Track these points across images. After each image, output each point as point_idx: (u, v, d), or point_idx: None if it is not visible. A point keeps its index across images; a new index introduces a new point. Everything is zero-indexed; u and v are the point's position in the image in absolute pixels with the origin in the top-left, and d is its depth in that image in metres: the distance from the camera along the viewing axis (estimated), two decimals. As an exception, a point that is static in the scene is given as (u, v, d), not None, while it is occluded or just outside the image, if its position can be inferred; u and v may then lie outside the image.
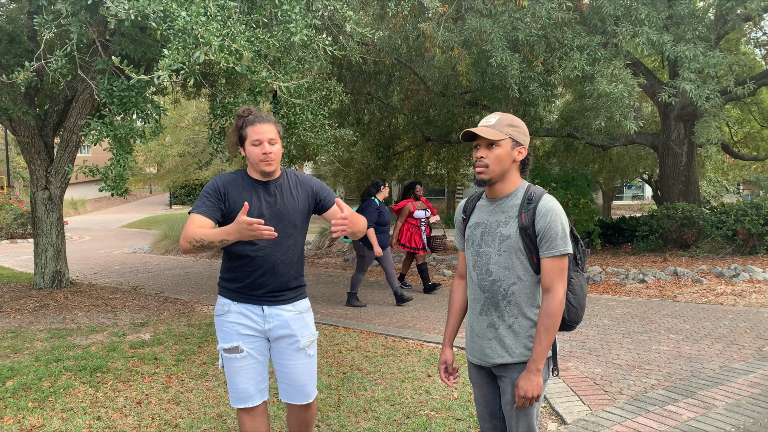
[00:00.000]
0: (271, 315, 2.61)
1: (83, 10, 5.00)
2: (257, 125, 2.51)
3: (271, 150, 2.51)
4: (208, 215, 2.49)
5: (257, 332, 2.62)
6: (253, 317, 2.60)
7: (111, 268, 12.28)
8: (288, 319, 2.62)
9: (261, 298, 2.60)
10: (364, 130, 14.04)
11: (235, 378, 2.61)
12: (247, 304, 2.60)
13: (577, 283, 2.27)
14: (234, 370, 2.61)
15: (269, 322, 2.61)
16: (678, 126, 11.83)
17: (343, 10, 5.36)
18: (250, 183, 2.59)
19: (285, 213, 2.59)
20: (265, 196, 2.58)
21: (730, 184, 27.40)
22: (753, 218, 9.87)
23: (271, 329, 2.62)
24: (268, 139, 2.51)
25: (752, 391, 4.11)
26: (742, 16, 10.13)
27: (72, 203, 33.73)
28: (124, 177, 5.55)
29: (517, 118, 2.27)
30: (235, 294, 2.61)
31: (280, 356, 2.66)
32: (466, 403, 4.01)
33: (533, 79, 8.45)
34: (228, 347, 2.60)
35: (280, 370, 2.68)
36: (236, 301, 2.61)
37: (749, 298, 7.34)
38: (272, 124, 2.55)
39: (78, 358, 5.07)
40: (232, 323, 2.60)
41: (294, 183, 2.66)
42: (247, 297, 2.60)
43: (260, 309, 2.61)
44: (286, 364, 2.66)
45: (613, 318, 6.55)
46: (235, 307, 2.61)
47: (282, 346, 2.65)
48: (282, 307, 2.63)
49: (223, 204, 2.54)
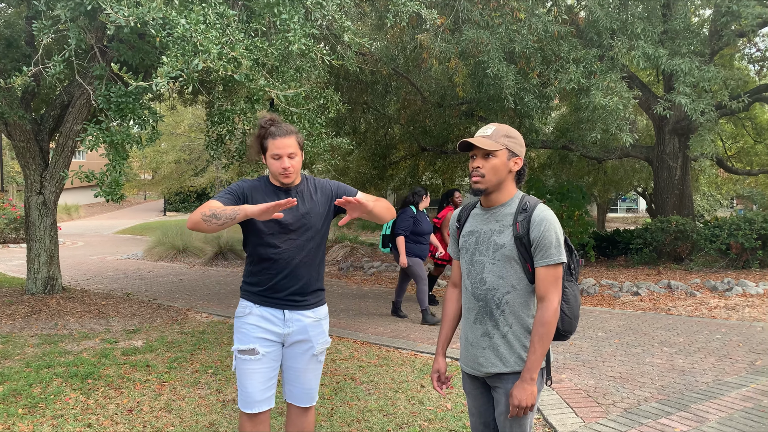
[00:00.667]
0: (291, 320, 2.67)
1: (82, 16, 5.01)
2: (278, 139, 2.57)
3: (290, 164, 2.59)
4: (226, 204, 2.54)
5: (276, 336, 2.67)
6: (274, 320, 2.66)
7: (104, 274, 12.22)
8: (307, 325, 2.70)
9: (282, 301, 2.66)
10: (360, 139, 14.08)
11: (245, 381, 2.65)
12: (269, 308, 2.67)
13: (571, 293, 2.28)
14: (246, 372, 2.64)
15: (289, 327, 2.67)
16: (672, 140, 11.91)
17: (342, 20, 5.38)
18: (272, 189, 2.67)
19: (306, 217, 2.67)
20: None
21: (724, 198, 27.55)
22: (746, 233, 9.93)
23: (290, 334, 2.68)
24: (287, 153, 2.58)
25: (745, 405, 4.11)
26: (736, 31, 10.24)
27: (66, 208, 33.59)
28: (119, 183, 5.53)
29: (513, 129, 2.30)
30: (257, 297, 2.67)
31: (293, 360, 2.72)
32: (460, 413, 4.00)
33: (529, 90, 8.50)
34: (244, 348, 2.64)
35: (290, 372, 2.74)
36: (258, 304, 2.67)
37: (742, 312, 7.36)
38: (293, 136, 2.61)
39: (69, 364, 5.03)
40: (251, 325, 2.65)
41: (313, 188, 2.75)
42: (270, 300, 2.66)
43: (281, 313, 2.67)
44: (297, 368, 2.73)
45: (606, 330, 6.56)
46: (257, 310, 2.67)
47: (296, 351, 2.72)
48: (303, 313, 2.69)
49: (243, 202, 2.59)
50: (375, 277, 11.61)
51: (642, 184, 19.77)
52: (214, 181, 25.31)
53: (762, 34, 12.59)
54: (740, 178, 18.35)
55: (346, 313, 7.69)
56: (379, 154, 14.75)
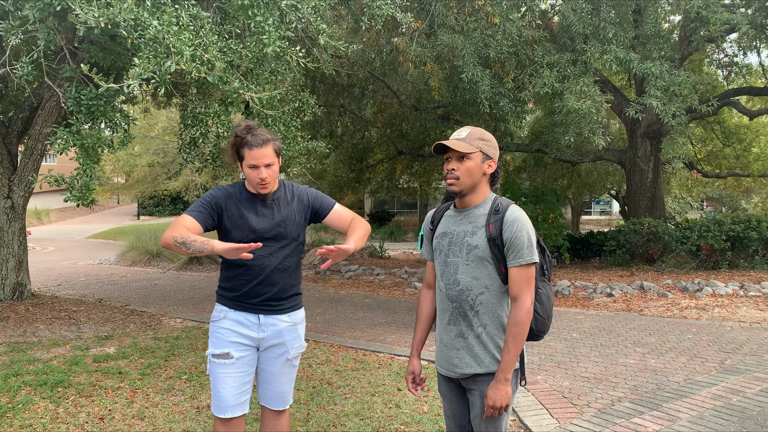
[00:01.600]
0: (266, 324, 2.66)
1: (51, 16, 4.92)
2: (255, 150, 2.52)
3: (267, 174, 2.56)
4: (200, 220, 2.55)
5: (250, 341, 2.66)
6: (249, 325, 2.65)
7: (75, 279, 11.99)
8: (282, 330, 2.67)
9: (257, 306, 2.65)
10: (337, 142, 14.06)
11: (219, 385, 2.63)
12: (244, 312, 2.65)
13: (544, 293, 2.30)
14: (220, 377, 2.62)
15: (264, 331, 2.66)
16: (645, 143, 12.12)
17: (317, 23, 5.37)
18: (247, 197, 2.65)
19: (282, 224, 2.65)
20: (263, 209, 2.64)
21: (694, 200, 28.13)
22: (716, 234, 10.13)
23: (264, 338, 2.67)
24: (264, 163, 2.55)
25: (715, 404, 4.19)
26: (705, 37, 10.46)
27: (35, 213, 32.90)
28: (90, 187, 5.43)
29: (487, 132, 2.31)
30: (232, 302, 2.66)
31: (267, 363, 2.71)
32: (436, 416, 4.00)
33: (504, 95, 8.58)
34: (218, 353, 2.62)
35: (264, 375, 2.73)
36: (233, 308, 2.66)
37: (712, 312, 7.51)
38: (270, 145, 2.57)
39: (38, 372, 4.91)
40: (226, 330, 2.64)
41: (291, 195, 2.72)
42: (244, 305, 2.65)
43: (256, 317, 2.65)
44: (271, 371, 2.72)
45: (581, 331, 6.63)
46: (232, 314, 2.66)
47: (271, 355, 2.70)
48: (278, 317, 2.67)
49: (217, 215, 2.60)
50: (352, 280, 11.59)
51: (615, 187, 20.09)
52: (189, 184, 25.05)
53: (730, 40, 12.89)
54: (710, 180, 18.75)
55: (323, 317, 7.66)
56: (356, 157, 14.74)
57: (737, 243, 10.33)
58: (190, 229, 2.49)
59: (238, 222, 2.60)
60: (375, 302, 8.88)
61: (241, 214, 2.61)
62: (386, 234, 25.49)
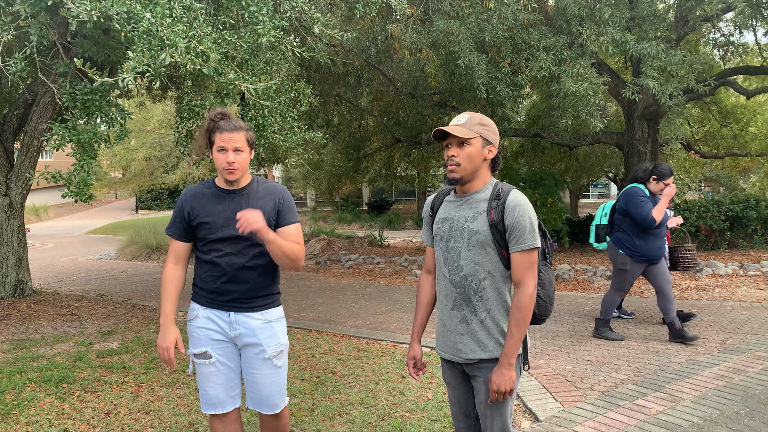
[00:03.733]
0: (237, 322, 2.59)
1: (43, 11, 4.87)
2: (225, 133, 2.48)
3: (234, 159, 2.49)
4: (183, 238, 2.63)
5: (225, 337, 2.61)
6: (220, 323, 2.60)
7: (76, 275, 11.99)
8: (255, 328, 2.59)
9: (227, 304, 2.59)
10: (333, 131, 14.00)
11: (204, 384, 2.60)
12: (215, 310, 2.60)
13: (546, 278, 2.30)
14: (203, 375, 2.60)
15: (235, 329, 2.59)
16: (642, 125, 12.08)
17: (311, 12, 5.33)
18: (216, 193, 2.59)
19: None
20: (231, 205, 2.56)
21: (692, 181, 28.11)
22: (714, 215, 10.14)
23: (237, 336, 2.60)
24: (233, 147, 2.48)
25: (717, 383, 4.21)
26: (701, 17, 10.40)
27: (34, 209, 32.85)
28: (88, 182, 5.41)
29: (486, 117, 2.30)
30: (203, 299, 2.62)
31: (246, 364, 2.64)
32: (441, 403, 4.01)
33: (500, 79, 8.53)
34: (197, 352, 2.59)
35: (246, 378, 2.66)
36: (204, 306, 2.61)
37: (713, 292, 7.53)
38: (242, 131, 2.51)
39: (43, 369, 4.92)
40: (200, 328, 2.60)
41: (263, 192, 2.61)
42: (214, 302, 2.60)
43: (227, 315, 2.60)
44: (251, 372, 2.63)
45: (582, 315, 6.65)
46: (203, 312, 2.61)
47: (248, 355, 2.63)
48: (249, 315, 2.59)
49: (187, 221, 2.60)
50: (353, 270, 11.60)
51: (613, 170, 20.07)
52: (186, 177, 24.98)
53: (726, 19, 12.83)
54: (707, 161, 18.73)
55: (325, 307, 7.67)
56: (354, 146, 14.69)
57: (736, 223, 10.34)
58: (179, 253, 2.63)
59: (205, 220, 2.54)
60: (376, 291, 8.90)
61: (208, 211, 2.55)
62: (385, 222, 25.50)
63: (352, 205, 32.77)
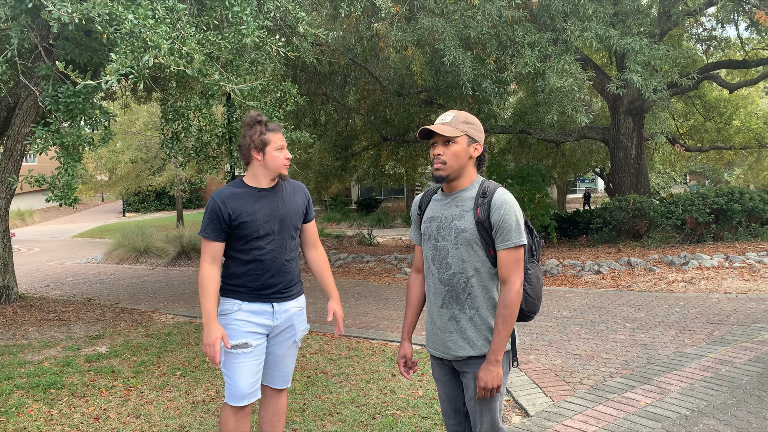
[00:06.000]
0: (280, 311, 2.76)
1: (23, 14, 4.82)
2: (278, 132, 2.70)
3: (289, 156, 2.73)
4: (220, 239, 2.66)
5: (265, 329, 2.75)
6: (264, 314, 2.73)
7: (63, 279, 11.88)
8: (292, 315, 2.81)
9: (271, 296, 2.74)
10: (321, 131, 13.99)
11: (237, 375, 2.68)
12: (259, 303, 2.73)
13: (533, 274, 2.31)
14: (237, 366, 2.68)
15: (278, 319, 2.76)
16: (627, 120, 12.18)
17: (296, 11, 5.31)
18: (250, 192, 2.70)
19: (287, 217, 2.75)
20: (267, 202, 2.71)
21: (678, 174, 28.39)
22: (700, 207, 10.24)
23: (278, 325, 2.77)
24: (285, 145, 2.71)
25: (704, 375, 4.26)
26: (684, 12, 10.49)
27: (19, 214, 32.52)
28: (72, 186, 5.36)
29: (471, 115, 2.31)
30: (245, 296, 2.72)
31: (276, 347, 2.82)
32: (431, 400, 4.03)
33: (486, 76, 8.56)
34: (236, 343, 2.67)
35: (271, 358, 2.84)
36: (247, 301, 2.72)
37: (699, 284, 7.61)
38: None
39: (30, 375, 4.88)
40: (241, 321, 2.70)
41: (290, 189, 2.82)
42: (258, 296, 2.72)
43: (270, 306, 2.74)
44: (279, 354, 2.83)
45: (571, 309, 6.69)
46: (246, 306, 2.72)
47: (280, 339, 2.82)
48: (289, 303, 2.79)
49: (226, 222, 2.65)
50: (342, 269, 11.59)
51: (599, 165, 20.20)
52: (173, 179, 24.83)
53: (708, 14, 12.95)
54: (692, 155, 18.93)
55: (315, 307, 7.66)
56: (341, 145, 14.68)
57: (721, 215, 10.45)
58: (216, 253, 2.65)
59: (246, 219, 2.64)
60: (366, 289, 8.90)
61: (249, 210, 2.65)
62: (374, 221, 25.51)
63: (341, 204, 32.75)
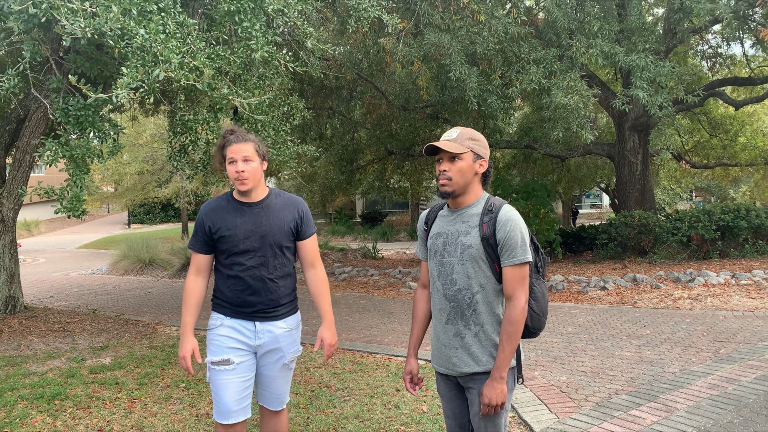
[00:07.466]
0: (262, 331, 2.67)
1: (36, 27, 4.89)
2: (234, 145, 2.58)
3: (243, 168, 2.56)
4: (204, 251, 2.67)
5: (247, 347, 2.67)
6: (245, 332, 2.67)
7: (68, 290, 11.92)
8: (278, 336, 2.70)
9: (252, 315, 2.67)
10: (326, 144, 14.05)
11: (220, 392, 2.64)
12: (240, 320, 2.67)
13: (539, 291, 2.32)
14: (221, 383, 2.63)
15: (260, 338, 2.68)
16: (632, 136, 12.19)
17: (304, 27, 5.37)
18: (234, 206, 2.66)
19: (270, 234, 2.64)
20: (251, 217, 2.64)
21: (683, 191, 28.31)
22: (706, 224, 10.21)
23: (261, 345, 2.69)
24: (242, 157, 2.57)
25: (711, 393, 4.23)
26: (689, 29, 10.54)
27: (25, 224, 32.67)
28: (80, 198, 5.40)
29: (477, 132, 2.33)
30: (228, 311, 2.68)
31: (265, 368, 2.75)
32: (436, 416, 4.01)
33: (491, 92, 8.61)
34: (217, 360, 2.63)
35: (261, 379, 2.77)
36: (229, 316, 2.68)
37: (705, 301, 7.57)
38: (251, 143, 2.62)
39: (34, 385, 4.88)
40: (224, 336, 2.65)
41: (281, 204, 2.71)
42: (240, 313, 2.67)
43: (252, 325, 2.67)
44: (268, 375, 2.75)
45: (576, 326, 6.67)
46: (228, 321, 2.67)
47: (268, 360, 2.73)
48: (274, 324, 2.69)
49: (207, 235, 2.65)
50: (347, 282, 11.59)
51: (605, 180, 20.20)
52: (179, 191, 24.92)
53: (713, 31, 13.00)
54: (698, 171, 18.91)
55: (318, 321, 7.65)
56: (346, 159, 14.74)
57: (727, 232, 10.42)
58: (201, 265, 2.67)
59: (226, 233, 2.61)
60: (370, 303, 8.89)
61: (228, 224, 2.61)
62: (379, 234, 25.51)
63: (346, 217, 32.78)
